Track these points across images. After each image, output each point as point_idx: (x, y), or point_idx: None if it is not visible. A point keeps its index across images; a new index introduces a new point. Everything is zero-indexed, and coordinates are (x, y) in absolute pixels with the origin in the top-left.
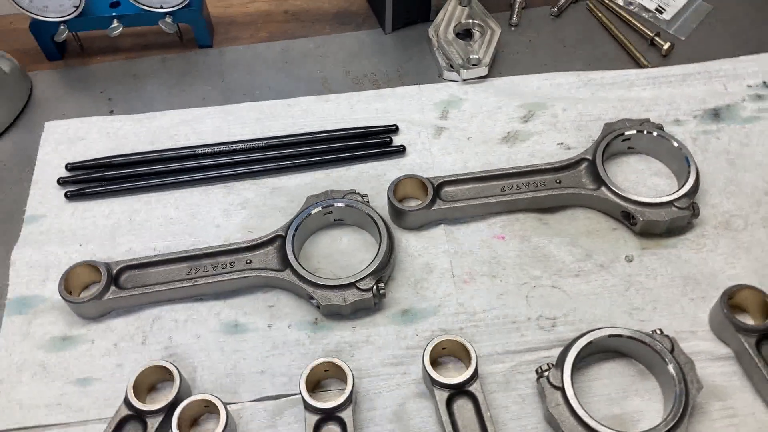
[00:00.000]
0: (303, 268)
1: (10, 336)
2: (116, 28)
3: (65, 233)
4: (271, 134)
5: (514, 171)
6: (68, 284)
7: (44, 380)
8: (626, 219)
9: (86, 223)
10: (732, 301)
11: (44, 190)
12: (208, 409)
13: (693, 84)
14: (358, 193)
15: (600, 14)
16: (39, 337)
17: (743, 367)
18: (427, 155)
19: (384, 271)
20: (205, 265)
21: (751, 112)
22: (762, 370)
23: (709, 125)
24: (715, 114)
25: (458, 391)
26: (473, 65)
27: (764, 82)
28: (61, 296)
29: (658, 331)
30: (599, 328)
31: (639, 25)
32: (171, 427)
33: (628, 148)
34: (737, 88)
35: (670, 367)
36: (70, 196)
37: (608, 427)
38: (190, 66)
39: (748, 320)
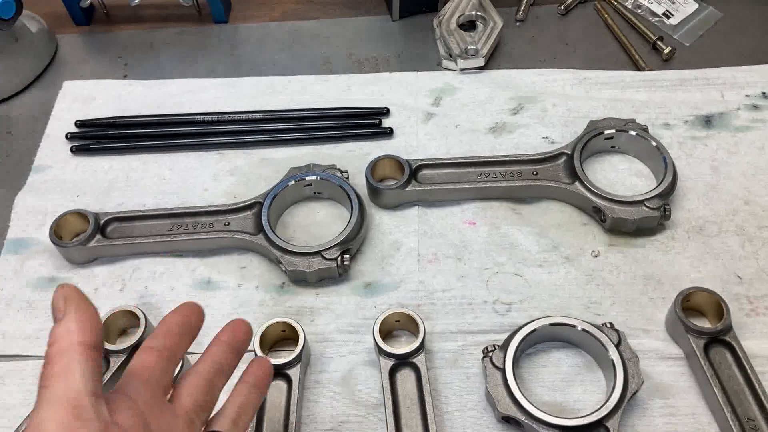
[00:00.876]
0: (275, 234)
1: (3, 272)
2: None
3: (66, 184)
4: (269, 108)
5: (492, 159)
6: (59, 230)
7: (29, 315)
8: (597, 215)
9: (86, 177)
10: (689, 303)
11: (53, 144)
12: None
13: (689, 89)
14: (339, 169)
15: (606, 15)
16: (29, 276)
17: (691, 368)
18: (413, 139)
19: (351, 243)
20: (186, 224)
21: (744, 121)
22: (707, 371)
23: (699, 131)
24: (707, 121)
25: (402, 361)
26: (471, 56)
27: (763, 93)
28: (51, 240)
29: (608, 325)
30: (546, 316)
31: (644, 28)
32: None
33: (612, 146)
34: (734, 97)
35: (613, 358)
36: (75, 151)
37: (541, 410)
38: (204, 39)
39: (706, 324)
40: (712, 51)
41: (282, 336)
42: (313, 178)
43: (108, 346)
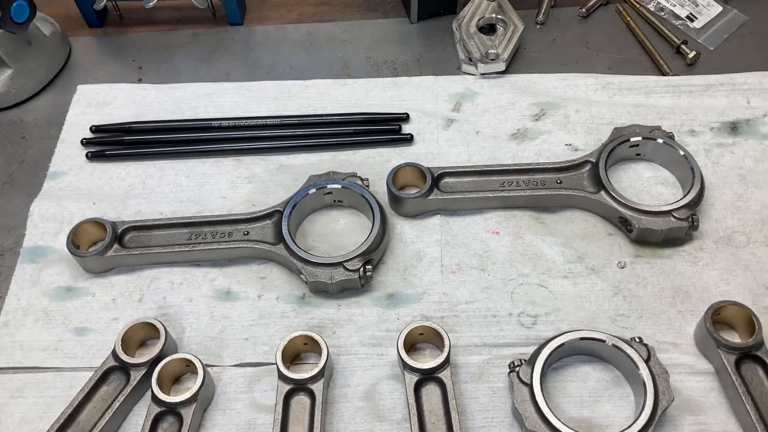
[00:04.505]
0: (295, 243)
1: (20, 282)
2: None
3: (82, 191)
4: (286, 113)
5: (515, 168)
6: (76, 239)
7: (46, 326)
8: (623, 225)
9: (102, 183)
10: (719, 317)
11: (68, 149)
12: (190, 368)
13: (714, 95)
14: (359, 177)
15: (629, 18)
16: (46, 286)
17: (722, 384)
18: (434, 146)
19: (373, 254)
20: (204, 233)
21: None
22: (738, 388)
23: (725, 138)
24: (733, 127)
25: (428, 376)
26: (491, 60)
27: None
28: (68, 249)
29: (637, 339)
30: (574, 330)
31: (667, 31)
32: (151, 380)
33: (636, 154)
34: (761, 103)
35: (642, 375)
36: (91, 157)
37: (570, 427)
38: (219, 42)
39: (735, 338)
40: (738, 55)
41: (303, 349)
42: (336, 186)
43: (127, 359)
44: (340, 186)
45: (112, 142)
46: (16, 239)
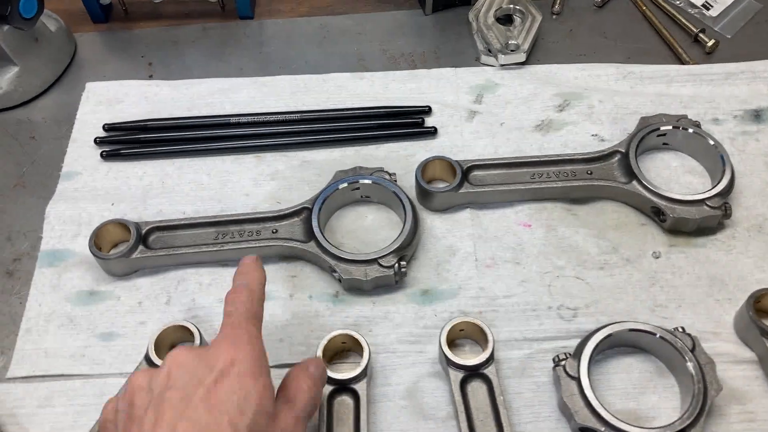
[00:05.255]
0: (327, 241)
1: (40, 287)
2: None
3: (98, 191)
4: (305, 108)
5: (545, 159)
6: (98, 241)
7: (70, 332)
8: (656, 215)
9: (119, 183)
10: (759, 304)
11: (81, 149)
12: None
13: (735, 83)
14: (386, 172)
15: (644, 7)
16: (67, 290)
17: (765, 371)
18: (458, 138)
19: (407, 249)
20: (231, 232)
21: None
22: None
23: (749, 126)
24: (756, 115)
25: (473, 373)
26: (511, 51)
27: None
28: (91, 252)
29: (680, 329)
30: (620, 322)
31: (684, 20)
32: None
33: (663, 143)
34: None
35: (690, 366)
36: (106, 156)
37: (622, 420)
38: (230, 36)
39: None
40: (755, 43)
41: (342, 348)
42: (367, 182)
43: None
44: (371, 182)
45: (128, 141)
46: (32, 243)
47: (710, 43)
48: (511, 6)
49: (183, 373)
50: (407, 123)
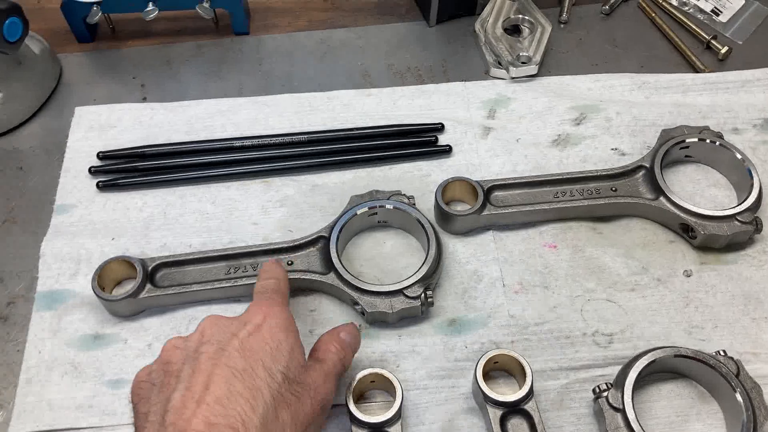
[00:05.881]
0: (348, 272)
1: (39, 332)
2: (152, 11)
3: (97, 225)
4: (311, 128)
5: (567, 177)
6: (101, 280)
7: (75, 380)
8: (685, 232)
9: (118, 215)
10: None
11: (75, 179)
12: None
13: (751, 91)
14: (404, 195)
15: (653, 14)
16: (69, 335)
17: None
18: (474, 156)
19: (432, 278)
20: (244, 265)
21: None
22: None
23: None
24: None
25: (513, 409)
26: (523, 63)
27: None
28: (95, 293)
29: (722, 353)
30: (661, 347)
31: (694, 27)
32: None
33: (686, 156)
34: None
35: (738, 394)
36: (102, 187)
37: None
38: (226, 53)
39: None
40: (767, 48)
41: (371, 387)
42: (389, 207)
43: None
44: (392, 207)
45: (124, 169)
46: (27, 284)
47: (723, 50)
48: (519, 16)
49: (217, 330)
50: (420, 142)
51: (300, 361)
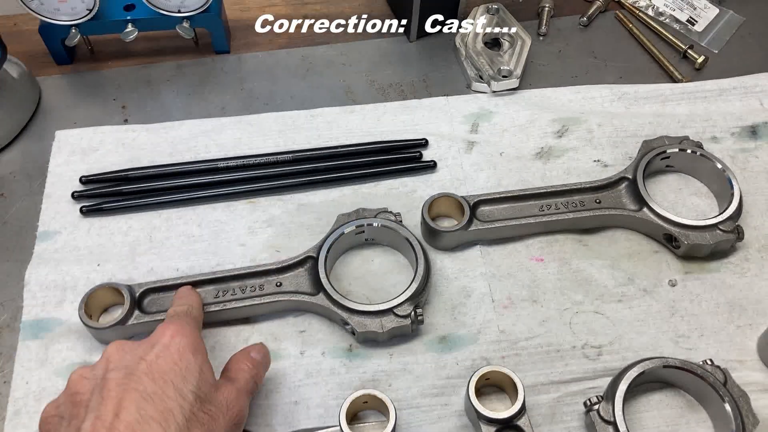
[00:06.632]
0: (337, 292)
1: (25, 362)
2: (131, 32)
3: (81, 251)
4: (295, 146)
5: (552, 190)
6: (88, 308)
7: None
8: (668, 242)
9: (103, 241)
10: None
11: (57, 205)
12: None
13: (729, 99)
14: (391, 212)
15: (630, 25)
16: (57, 364)
17: None
18: (459, 171)
19: (421, 296)
20: (233, 288)
21: None
22: None
23: (747, 143)
24: (753, 131)
25: (506, 425)
26: (504, 77)
27: None
28: (82, 321)
29: (709, 362)
30: (650, 359)
31: (671, 37)
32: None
33: (667, 166)
34: None
35: (726, 403)
36: (86, 212)
37: None
38: (207, 73)
39: None
40: (742, 57)
41: (363, 408)
42: (376, 225)
43: None
44: (379, 225)
45: (108, 194)
46: (12, 313)
47: (700, 60)
48: (499, 30)
49: (123, 354)
50: (405, 158)
51: (210, 380)
